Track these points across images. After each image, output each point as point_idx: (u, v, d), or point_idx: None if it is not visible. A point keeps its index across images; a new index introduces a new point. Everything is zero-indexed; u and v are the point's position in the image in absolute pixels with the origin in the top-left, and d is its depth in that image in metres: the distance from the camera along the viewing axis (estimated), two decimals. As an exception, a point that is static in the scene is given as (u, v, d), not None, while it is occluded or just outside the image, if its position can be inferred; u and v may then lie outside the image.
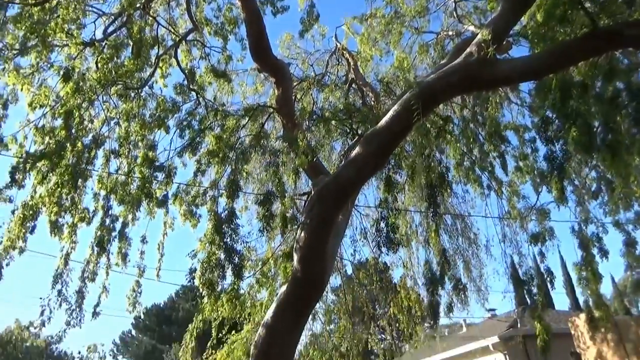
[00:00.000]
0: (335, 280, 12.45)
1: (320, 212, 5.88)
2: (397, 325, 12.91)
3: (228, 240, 6.31)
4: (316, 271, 6.03)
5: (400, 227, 7.32)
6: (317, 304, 12.23)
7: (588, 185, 8.84)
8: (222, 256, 6.33)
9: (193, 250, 6.46)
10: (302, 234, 6.15)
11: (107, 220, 8.59)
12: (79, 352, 34.66)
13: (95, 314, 7.42)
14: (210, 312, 8.96)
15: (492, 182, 9.58)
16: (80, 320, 7.17)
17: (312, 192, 6.63)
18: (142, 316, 48.61)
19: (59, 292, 7.08)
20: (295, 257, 6.26)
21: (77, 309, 7.18)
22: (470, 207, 10.44)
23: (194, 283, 6.66)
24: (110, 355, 38.00)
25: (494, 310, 21.45)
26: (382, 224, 6.39)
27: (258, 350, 6.50)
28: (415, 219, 10.57)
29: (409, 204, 10.10)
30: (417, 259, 10.79)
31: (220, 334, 11.36)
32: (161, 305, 48.43)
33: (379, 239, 6.35)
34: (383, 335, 17.04)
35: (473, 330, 18.77)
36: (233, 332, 11.76)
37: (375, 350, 15.51)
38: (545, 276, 7.52)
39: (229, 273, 6.48)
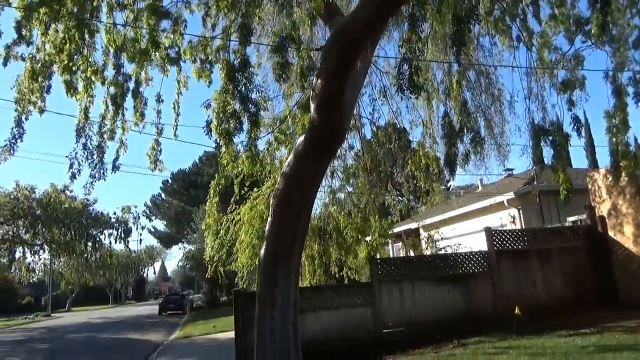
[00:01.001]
0: (353, 140, 12.48)
1: (338, 55, 5.53)
2: (415, 183, 13.15)
3: (242, 88, 6.10)
4: (334, 118, 5.88)
5: (422, 70, 6.92)
6: (336, 162, 12.48)
7: (627, 33, 8.10)
8: (238, 106, 6.18)
9: (207, 100, 6.32)
10: (319, 81, 5.90)
11: (120, 78, 8.43)
12: (114, 213, 36.97)
13: (115, 167, 7.59)
14: (230, 167, 9.11)
15: (522, 33, 8.87)
16: (103, 173, 7.36)
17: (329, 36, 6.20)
18: (170, 181, 51.30)
19: (84, 145, 7.18)
20: (312, 106, 6.09)
21: (99, 163, 7.34)
22: (497, 60, 9.88)
23: (211, 136, 6.63)
24: (143, 216, 40.61)
25: (511, 170, 21.69)
26: (405, 66, 6.00)
27: (278, 199, 6.70)
28: (437, 75, 10.13)
29: (431, 57, 9.57)
30: (436, 117, 10.59)
31: (242, 191, 11.83)
32: (186, 171, 50.70)
33: (401, 81, 6.02)
34: (400, 196, 17.61)
35: (489, 189, 19.17)
36: (255, 188, 12.23)
37: (392, 211, 16.14)
38: (573, 125, 7.26)
39: (245, 124, 6.38)
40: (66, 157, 6.89)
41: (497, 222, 16.67)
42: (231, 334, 10.36)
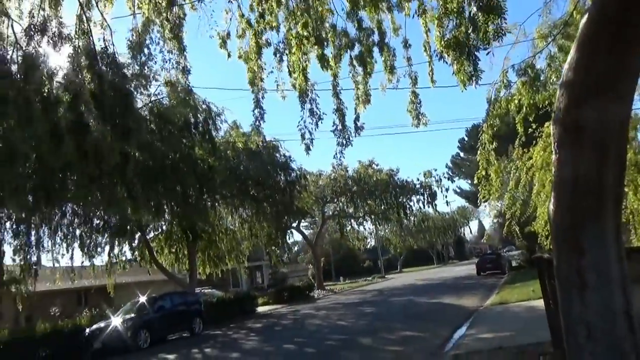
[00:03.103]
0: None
1: None
2: None
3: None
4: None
5: None
6: None
7: None
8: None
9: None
10: None
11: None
12: (417, 179, 38.01)
13: (357, 129, 6.64)
14: (503, 101, 7.00)
15: None
16: (348, 138, 6.53)
17: None
18: (465, 138, 49.62)
19: (310, 111, 6.53)
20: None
21: (341, 127, 6.53)
22: None
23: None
24: (445, 177, 40.38)
25: None
26: None
27: (561, 125, 4.39)
28: None
29: None
30: None
31: (528, 129, 9.35)
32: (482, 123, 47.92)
33: None
34: None
35: None
36: (546, 123, 9.49)
37: None
38: None
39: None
40: (298, 129, 6.31)
41: None
42: (550, 304, 8.16)
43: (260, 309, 27.13)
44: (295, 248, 71.42)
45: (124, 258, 25.56)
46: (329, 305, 24.03)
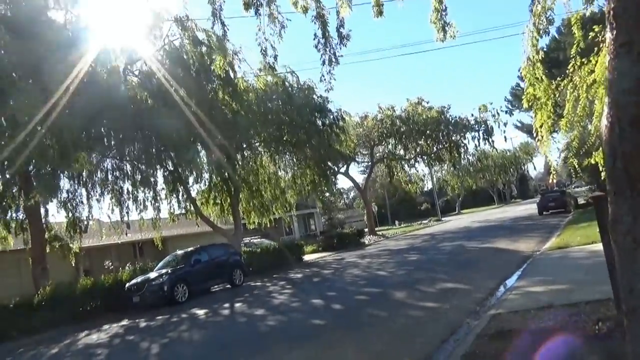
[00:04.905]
0: None
1: None
2: None
3: None
4: None
5: None
6: None
7: None
8: None
9: None
10: None
11: None
12: (472, 115, 35.08)
13: (342, 38, 5.07)
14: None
15: None
16: (334, 55, 4.99)
17: None
18: (526, 66, 45.17)
19: (270, 17, 5.00)
20: None
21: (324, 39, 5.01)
22: None
23: None
24: (503, 112, 37.09)
25: None
26: None
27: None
28: None
29: None
30: None
31: (588, 34, 7.28)
32: (544, 49, 43.26)
33: None
34: None
35: None
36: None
37: None
38: None
39: None
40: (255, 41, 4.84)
41: None
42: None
43: (307, 257, 26.68)
44: (352, 194, 70.76)
45: (170, 211, 25.57)
46: (375, 253, 23.02)
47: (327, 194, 32.27)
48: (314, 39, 5.26)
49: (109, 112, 15.44)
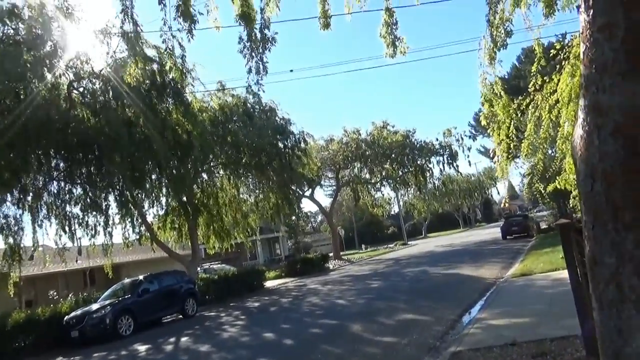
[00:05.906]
0: None
1: None
2: None
3: None
4: None
5: None
6: None
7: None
8: None
9: None
10: None
11: None
12: (437, 139, 35.17)
13: (266, 41, 4.42)
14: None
15: None
16: (261, 59, 4.31)
17: None
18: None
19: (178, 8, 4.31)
20: None
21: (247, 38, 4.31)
22: None
23: None
24: (466, 136, 37.35)
25: None
26: None
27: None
28: None
29: None
30: None
31: (550, 52, 6.93)
32: (505, 77, 44.37)
33: None
34: None
35: None
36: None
37: None
38: None
39: None
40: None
41: None
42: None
43: (269, 283, 25.62)
44: (319, 217, 69.92)
45: (124, 237, 24.10)
46: (338, 279, 22.21)
47: (293, 218, 31.42)
48: (239, 43, 4.64)
49: (51, 132, 14.36)
